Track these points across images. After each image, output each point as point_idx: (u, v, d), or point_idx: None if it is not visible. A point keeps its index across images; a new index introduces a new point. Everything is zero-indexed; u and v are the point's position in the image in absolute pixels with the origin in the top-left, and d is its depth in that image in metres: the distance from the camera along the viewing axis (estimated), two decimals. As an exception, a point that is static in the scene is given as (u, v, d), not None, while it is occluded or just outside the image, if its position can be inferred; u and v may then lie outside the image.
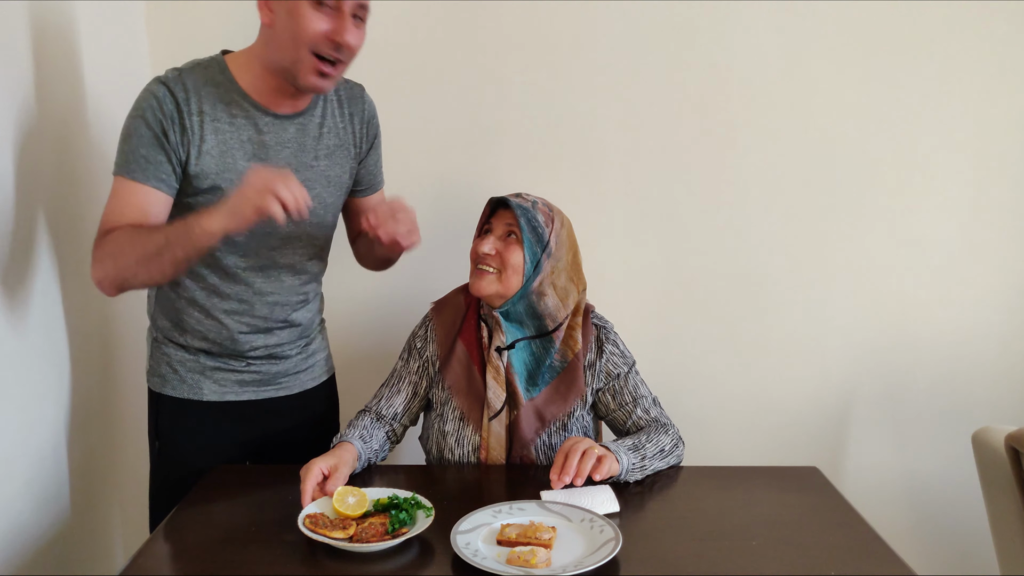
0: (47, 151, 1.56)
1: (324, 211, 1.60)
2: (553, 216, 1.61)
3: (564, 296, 1.62)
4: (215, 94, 1.45)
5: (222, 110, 1.45)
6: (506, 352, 1.61)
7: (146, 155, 1.41)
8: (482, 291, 1.58)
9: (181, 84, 1.43)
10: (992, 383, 2.25)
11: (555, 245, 1.59)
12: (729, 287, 2.21)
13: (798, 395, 2.27)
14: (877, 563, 1.24)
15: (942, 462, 2.29)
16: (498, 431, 1.60)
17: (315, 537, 1.23)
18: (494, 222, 1.61)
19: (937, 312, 2.23)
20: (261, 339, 1.60)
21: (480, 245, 1.59)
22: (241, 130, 1.47)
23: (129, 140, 1.42)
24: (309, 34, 1.37)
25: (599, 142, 2.13)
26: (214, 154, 1.45)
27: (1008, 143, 2.14)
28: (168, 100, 1.42)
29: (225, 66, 1.48)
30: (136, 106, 1.44)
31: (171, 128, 1.42)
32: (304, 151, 1.54)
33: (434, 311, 1.71)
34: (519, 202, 1.57)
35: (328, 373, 1.79)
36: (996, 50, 2.09)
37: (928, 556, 2.33)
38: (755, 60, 2.09)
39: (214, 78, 1.46)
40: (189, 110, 1.43)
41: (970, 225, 2.18)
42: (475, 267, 1.61)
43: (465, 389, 1.62)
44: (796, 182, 2.16)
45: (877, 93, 2.11)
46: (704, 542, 1.30)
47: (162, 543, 1.30)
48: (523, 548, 1.22)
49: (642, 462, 1.52)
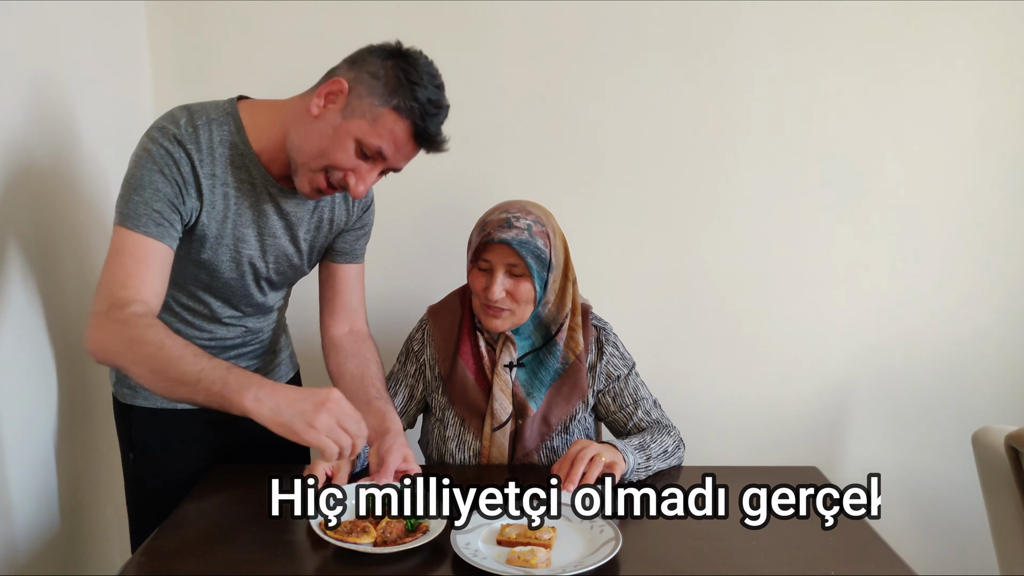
0: (23, 158, 1.51)
1: (306, 267, 1.59)
2: (548, 232, 1.55)
3: (561, 294, 1.61)
4: (228, 156, 1.37)
5: (232, 175, 1.38)
6: (515, 368, 1.61)
7: (160, 211, 1.31)
8: (499, 329, 1.57)
9: (196, 144, 1.33)
10: (992, 382, 2.25)
11: (555, 258, 1.57)
12: (728, 286, 2.21)
13: (797, 394, 2.27)
14: (876, 563, 1.24)
15: (941, 461, 2.29)
16: (501, 442, 1.59)
17: (344, 545, 1.21)
18: (490, 258, 1.53)
19: (937, 311, 2.23)
20: (224, 355, 1.58)
21: (487, 291, 1.52)
22: (246, 196, 1.41)
23: (141, 191, 1.30)
24: (334, 160, 1.31)
25: (597, 141, 2.13)
26: (218, 219, 1.40)
27: (1009, 142, 2.14)
28: (185, 162, 1.32)
29: (241, 125, 1.37)
30: (147, 155, 1.31)
31: (187, 191, 1.33)
32: (300, 224, 1.49)
33: (430, 316, 1.70)
34: (517, 237, 1.50)
35: (293, 370, 1.79)
36: (998, 48, 2.08)
37: (928, 556, 2.33)
38: (755, 59, 2.09)
39: (229, 138, 1.37)
40: (203, 173, 1.34)
41: (971, 224, 2.18)
42: (485, 308, 1.56)
43: (466, 401, 1.61)
44: (795, 181, 2.16)
45: (877, 92, 2.11)
46: (704, 542, 1.30)
47: (159, 547, 1.28)
48: (523, 548, 1.21)
49: (647, 462, 1.52)
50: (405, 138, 1.32)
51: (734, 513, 1.40)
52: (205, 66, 2.06)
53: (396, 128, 1.30)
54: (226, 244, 1.42)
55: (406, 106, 1.28)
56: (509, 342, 1.60)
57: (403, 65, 1.29)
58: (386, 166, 1.35)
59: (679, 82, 2.10)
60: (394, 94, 1.28)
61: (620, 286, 2.19)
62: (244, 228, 1.43)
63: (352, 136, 1.30)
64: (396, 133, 1.30)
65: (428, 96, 1.30)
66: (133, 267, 1.28)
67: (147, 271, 1.30)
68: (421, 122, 1.30)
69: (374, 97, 1.28)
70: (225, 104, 1.40)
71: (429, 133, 1.32)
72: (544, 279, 1.55)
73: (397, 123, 1.30)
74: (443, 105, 1.34)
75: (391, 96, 1.28)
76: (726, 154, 2.14)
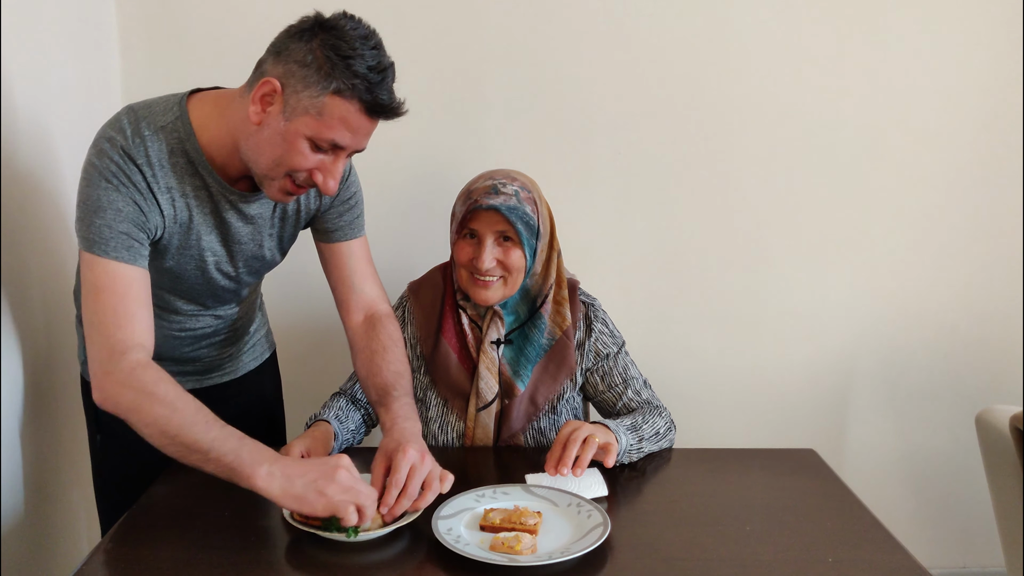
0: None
1: (279, 257, 1.53)
2: (535, 199, 1.53)
3: (547, 265, 1.58)
4: (180, 166, 1.29)
5: (188, 183, 1.31)
6: (502, 344, 1.58)
7: (127, 232, 1.25)
8: (490, 300, 1.53)
9: (145, 156, 1.26)
10: (995, 362, 2.24)
11: (542, 226, 1.54)
12: (723, 264, 2.19)
13: (794, 375, 2.26)
14: (876, 549, 1.22)
15: (944, 444, 2.29)
16: (486, 422, 1.56)
17: (313, 531, 1.19)
18: (477, 227, 1.50)
19: (938, 289, 2.21)
20: (197, 344, 1.54)
21: (476, 259, 1.49)
22: (204, 203, 1.34)
23: (101, 214, 1.23)
24: (292, 165, 1.23)
25: (586, 117, 2.09)
26: (179, 231, 1.34)
27: (1010, 118, 2.11)
28: (137, 176, 1.25)
29: (191, 130, 1.29)
30: (97, 173, 1.25)
31: (147, 207, 1.27)
32: (265, 224, 1.43)
33: (410, 293, 1.67)
34: (505, 203, 1.47)
35: (270, 349, 1.75)
36: (1007, 16, 2.05)
37: (929, 541, 2.33)
38: (750, 33, 2.06)
39: (179, 146, 1.29)
40: (158, 187, 1.28)
41: (972, 200, 2.16)
42: (474, 278, 1.53)
43: (448, 380, 1.58)
44: (792, 156, 2.13)
45: (876, 67, 2.08)
46: (696, 527, 1.29)
47: (129, 530, 1.27)
48: (507, 534, 1.19)
49: (639, 443, 1.48)
50: (358, 118, 1.21)
51: (728, 498, 1.39)
52: (177, 47, 2.00)
53: (345, 112, 1.19)
54: (190, 254, 1.37)
55: (347, 85, 1.17)
56: (497, 317, 1.57)
57: (330, 41, 1.18)
58: (349, 151, 1.27)
59: (671, 55, 2.06)
60: (330, 77, 1.17)
61: (608, 261, 2.17)
62: (207, 236, 1.36)
63: (301, 136, 1.21)
64: (347, 118, 1.20)
65: (367, 64, 1.18)
66: (119, 304, 1.24)
67: (134, 305, 1.25)
68: (369, 96, 1.19)
69: (311, 88, 1.18)
70: (174, 106, 1.30)
71: (381, 103, 1.21)
72: (533, 247, 1.52)
73: (344, 106, 1.19)
74: (385, 66, 1.21)
75: (328, 80, 1.17)
76: (720, 128, 2.11)
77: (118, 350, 1.23)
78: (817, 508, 1.36)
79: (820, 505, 1.37)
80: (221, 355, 1.61)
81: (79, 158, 1.34)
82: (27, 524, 1.58)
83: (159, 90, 1.39)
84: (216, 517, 1.28)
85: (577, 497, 1.31)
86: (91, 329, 1.25)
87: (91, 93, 1.86)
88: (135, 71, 1.99)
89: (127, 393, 1.21)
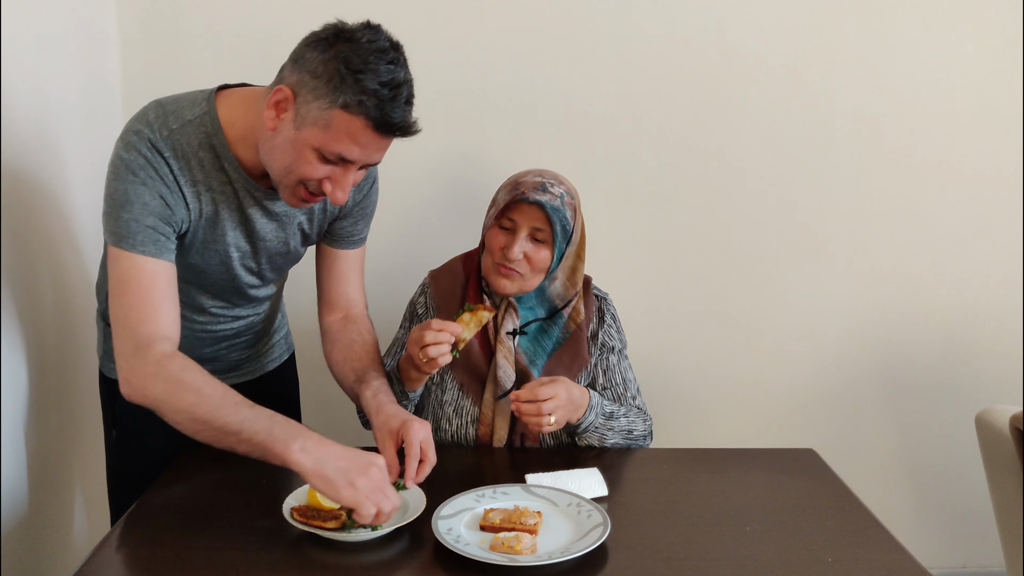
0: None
1: (302, 251, 1.53)
2: (576, 206, 1.56)
3: (572, 274, 1.60)
4: (209, 160, 1.29)
5: (214, 178, 1.30)
6: (518, 335, 1.59)
7: (154, 226, 1.25)
8: (507, 291, 1.55)
9: (173, 150, 1.26)
10: (995, 362, 2.23)
11: (575, 233, 1.57)
12: (722, 263, 2.18)
13: (794, 375, 2.25)
14: (876, 548, 1.22)
15: (943, 444, 2.28)
16: (505, 410, 1.57)
17: (310, 530, 1.20)
18: (518, 219, 1.51)
19: (938, 289, 2.21)
20: (217, 345, 1.55)
21: (508, 248, 1.51)
22: (230, 199, 1.33)
23: (129, 207, 1.24)
24: (302, 174, 1.23)
25: (587, 113, 2.08)
26: (205, 226, 1.34)
27: (1010, 118, 2.10)
28: (165, 170, 1.25)
29: (219, 126, 1.28)
30: (125, 166, 1.25)
31: (174, 200, 1.27)
32: (291, 221, 1.43)
33: (431, 280, 1.68)
34: (551, 202, 1.49)
35: (289, 351, 1.76)
36: (1003, 23, 2.05)
37: (929, 541, 2.32)
38: (750, 29, 2.05)
39: (207, 140, 1.28)
40: (185, 180, 1.28)
41: (972, 201, 2.16)
42: (498, 266, 1.54)
43: (467, 365, 1.59)
44: (792, 155, 2.12)
45: (876, 66, 2.07)
46: (696, 527, 1.28)
47: (130, 529, 1.27)
48: (507, 534, 1.19)
49: (604, 431, 1.53)
50: (366, 134, 1.18)
51: (727, 497, 1.38)
52: (177, 46, 2.00)
53: (352, 127, 1.17)
54: (215, 248, 1.37)
55: (355, 101, 1.14)
56: (512, 309, 1.59)
57: (344, 54, 1.15)
58: (360, 164, 1.25)
59: (672, 52, 2.05)
60: (339, 91, 1.15)
61: (608, 263, 2.13)
62: (232, 231, 1.37)
63: (309, 146, 1.19)
64: (354, 133, 1.17)
65: (380, 80, 1.15)
66: (145, 297, 1.25)
67: (160, 298, 1.26)
68: (377, 113, 1.16)
69: (320, 100, 1.16)
70: (202, 101, 1.30)
71: (391, 122, 1.17)
72: (562, 251, 1.55)
73: (352, 122, 1.16)
74: (401, 83, 1.17)
75: (336, 94, 1.15)
76: (720, 127, 2.10)
77: (144, 343, 1.23)
78: (817, 508, 1.35)
79: (820, 505, 1.36)
80: (242, 356, 1.61)
81: (79, 157, 1.35)
82: (29, 522, 1.58)
83: (159, 90, 1.40)
84: (216, 517, 1.28)
85: (577, 497, 1.31)
86: (117, 323, 1.26)
87: (91, 93, 1.86)
88: (135, 71, 1.98)
89: (156, 384, 1.22)
